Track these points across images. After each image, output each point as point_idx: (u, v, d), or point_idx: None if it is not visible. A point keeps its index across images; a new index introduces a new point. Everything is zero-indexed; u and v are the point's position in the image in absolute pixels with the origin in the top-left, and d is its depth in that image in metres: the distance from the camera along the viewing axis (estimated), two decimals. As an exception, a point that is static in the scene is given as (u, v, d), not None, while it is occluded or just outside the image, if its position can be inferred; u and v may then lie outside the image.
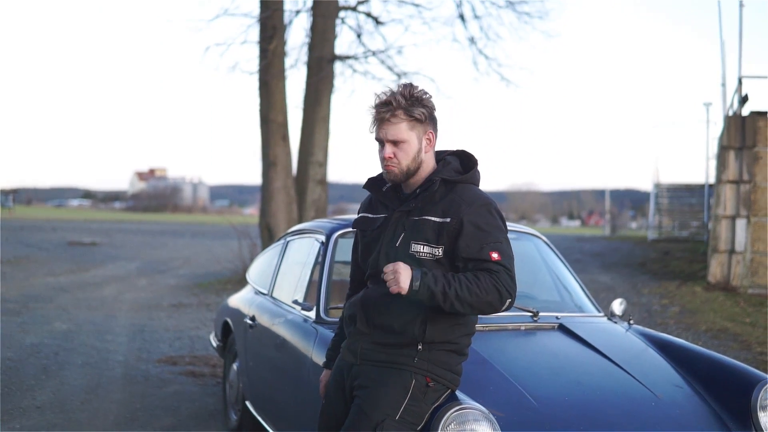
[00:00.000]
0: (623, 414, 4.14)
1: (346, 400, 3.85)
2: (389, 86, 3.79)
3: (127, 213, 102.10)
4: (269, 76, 17.06)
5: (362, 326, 3.78)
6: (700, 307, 14.15)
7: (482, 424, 3.66)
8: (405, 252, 3.68)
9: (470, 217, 3.64)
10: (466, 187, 3.76)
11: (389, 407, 3.65)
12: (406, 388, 3.68)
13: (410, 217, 3.73)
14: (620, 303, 5.67)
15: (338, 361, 3.99)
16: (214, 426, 7.10)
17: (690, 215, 29.25)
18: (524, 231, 6.11)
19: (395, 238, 3.73)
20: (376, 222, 3.86)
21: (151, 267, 22.54)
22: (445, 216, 3.65)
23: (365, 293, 3.82)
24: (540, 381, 4.32)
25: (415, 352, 3.69)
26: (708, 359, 4.81)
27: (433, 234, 3.66)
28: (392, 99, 3.66)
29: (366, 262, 3.90)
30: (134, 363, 9.45)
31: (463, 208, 3.65)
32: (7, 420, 6.97)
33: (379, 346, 3.74)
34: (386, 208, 3.85)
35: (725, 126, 16.13)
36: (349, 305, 3.94)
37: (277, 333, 5.62)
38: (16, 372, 8.70)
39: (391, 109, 3.66)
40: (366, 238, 3.92)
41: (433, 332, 3.68)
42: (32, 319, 12.34)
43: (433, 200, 3.71)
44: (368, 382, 3.72)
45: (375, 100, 3.73)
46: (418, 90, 3.70)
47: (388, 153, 3.69)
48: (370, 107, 3.75)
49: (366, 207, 4.01)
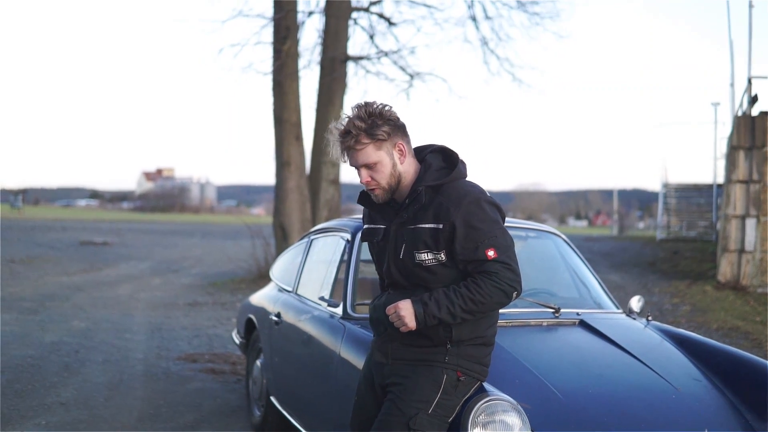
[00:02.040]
0: (645, 406, 4.24)
1: (377, 398, 3.93)
2: (345, 113, 3.82)
3: (135, 213, 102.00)
4: (283, 77, 17.15)
5: (392, 330, 3.81)
6: (711, 305, 14.23)
7: (511, 415, 3.75)
8: (412, 262, 3.75)
9: (461, 217, 3.67)
10: (453, 185, 3.77)
11: (422, 401, 3.72)
12: (438, 382, 3.76)
13: (406, 227, 3.78)
14: (638, 300, 5.77)
15: (368, 360, 4.08)
16: (236, 422, 7.21)
17: (698, 215, 29.24)
18: (544, 229, 6.20)
19: (398, 249, 3.80)
20: (378, 234, 3.94)
21: (163, 266, 22.66)
22: (437, 221, 3.69)
23: (387, 301, 3.86)
24: (564, 375, 4.42)
25: (445, 350, 3.77)
26: (725, 353, 4.91)
27: (432, 240, 3.71)
28: (350, 127, 3.70)
29: (381, 272, 3.99)
30: (154, 360, 9.57)
31: (451, 210, 3.68)
32: (32, 416, 7.09)
33: (410, 347, 3.82)
34: (384, 220, 3.91)
35: (734, 126, 16.19)
36: (373, 308, 3.99)
37: (304, 329, 5.72)
38: (39, 370, 8.82)
39: (353, 136, 3.70)
40: (374, 249, 4.01)
41: (460, 332, 3.75)
42: (50, 318, 12.47)
43: (423, 207, 3.74)
44: (400, 378, 3.80)
45: (336, 131, 3.77)
46: (375, 107, 3.73)
47: (365, 178, 3.75)
48: (335, 138, 3.79)
49: (367, 219, 4.08)
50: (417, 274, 3.75)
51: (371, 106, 3.72)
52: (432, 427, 3.71)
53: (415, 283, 3.78)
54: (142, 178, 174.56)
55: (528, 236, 6.21)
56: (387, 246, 3.86)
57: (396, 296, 3.81)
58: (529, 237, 6.22)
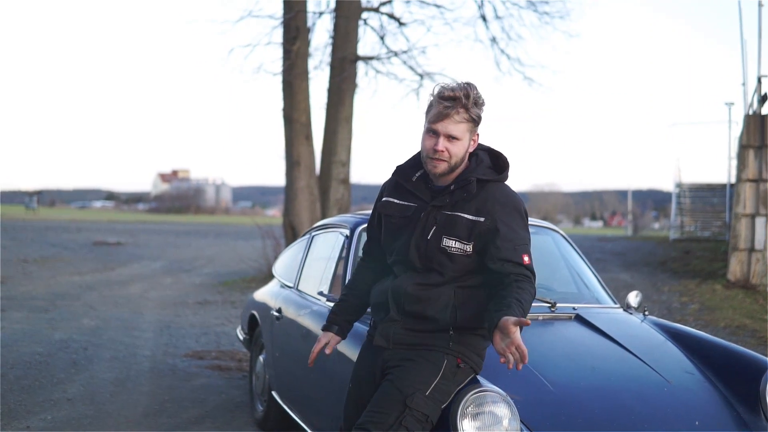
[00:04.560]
0: (636, 398, 4.27)
1: (375, 383, 3.94)
2: (454, 80, 3.84)
3: (151, 214, 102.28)
4: (293, 77, 17.20)
5: (394, 314, 3.88)
6: (720, 304, 14.22)
7: (500, 406, 3.78)
8: (437, 246, 3.79)
9: (504, 218, 3.76)
10: (498, 186, 3.86)
11: (420, 382, 3.76)
12: (438, 366, 3.81)
13: (442, 211, 3.81)
14: (636, 295, 5.79)
15: (365, 347, 4.12)
16: (240, 417, 7.26)
17: (712, 215, 29.10)
18: (542, 225, 6.22)
19: (426, 231, 3.82)
20: (406, 210, 3.92)
21: (175, 266, 22.74)
22: (479, 215, 3.76)
23: (396, 283, 3.89)
24: (556, 367, 4.45)
25: (447, 336, 3.83)
26: (719, 347, 4.93)
27: (465, 231, 3.76)
28: (460, 95, 3.71)
29: (391, 247, 3.97)
30: (161, 357, 9.65)
31: (497, 208, 3.77)
32: (39, 411, 7.15)
33: (412, 331, 3.86)
34: (416, 198, 3.91)
35: (745, 125, 16.16)
36: (378, 293, 4.03)
37: (303, 324, 5.77)
38: (46, 366, 8.89)
39: (456, 105, 3.71)
40: (391, 223, 3.97)
41: (464, 318, 3.80)
42: (60, 316, 12.56)
43: (467, 198, 3.80)
44: (400, 362, 3.84)
45: (440, 92, 3.75)
46: (478, 93, 3.77)
47: (441, 146, 3.74)
48: (434, 95, 3.79)
49: (391, 191, 4.04)
50: (437, 258, 3.80)
51: (476, 89, 3.78)
52: (427, 409, 3.74)
53: (430, 267, 3.82)
54: (158, 180, 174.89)
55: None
56: (413, 225, 3.87)
57: (405, 279, 3.87)
58: (528, 233, 6.25)
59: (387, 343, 3.91)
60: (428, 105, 3.82)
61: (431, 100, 3.80)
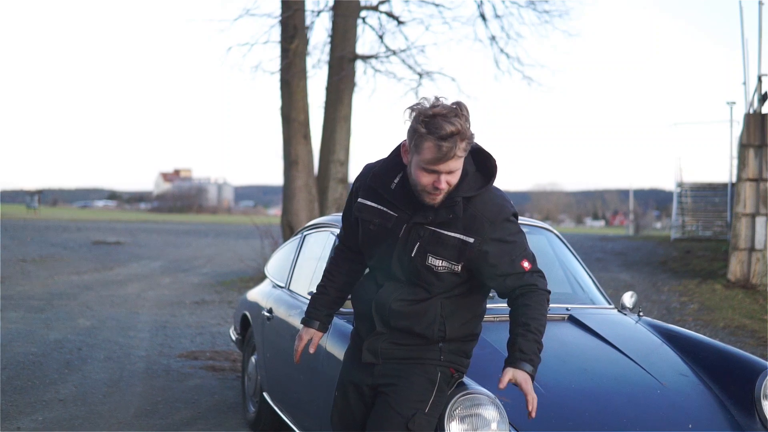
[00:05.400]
0: (628, 400, 4.22)
1: (363, 397, 3.81)
2: (444, 103, 3.38)
3: (153, 214, 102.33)
4: (290, 76, 17.16)
5: (380, 326, 3.71)
6: (719, 304, 14.17)
7: (489, 409, 3.73)
8: (422, 264, 3.56)
9: (496, 234, 3.55)
10: (486, 196, 3.57)
11: (418, 401, 3.63)
12: (433, 381, 3.69)
13: (427, 228, 3.55)
14: (631, 296, 5.74)
15: (350, 359, 3.94)
16: (232, 418, 7.20)
17: (714, 215, 29.03)
18: (536, 225, 6.17)
19: (409, 247, 3.57)
20: (386, 220, 3.63)
21: (174, 266, 22.69)
22: (468, 234, 3.51)
23: (380, 297, 3.69)
24: (548, 368, 4.37)
25: (438, 348, 3.69)
26: (714, 349, 4.88)
27: (454, 251, 3.54)
28: (460, 128, 3.32)
29: (370, 251, 3.75)
30: (156, 358, 9.59)
31: (486, 227, 3.52)
32: (30, 412, 7.10)
33: (400, 345, 3.71)
34: (396, 209, 3.61)
35: (745, 124, 16.10)
36: (361, 301, 3.83)
37: (293, 324, 5.71)
38: (40, 366, 8.84)
39: (456, 141, 3.33)
40: (369, 229, 3.70)
41: (453, 330, 3.68)
42: (56, 316, 12.50)
43: (453, 218, 3.51)
44: (393, 379, 3.69)
45: (437, 130, 3.32)
46: (467, 111, 3.39)
47: (443, 184, 3.41)
48: (425, 131, 3.34)
49: (367, 193, 3.70)
50: (423, 276, 3.60)
51: (465, 107, 3.39)
52: (430, 426, 3.65)
53: (415, 283, 3.64)
54: (160, 179, 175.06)
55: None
56: (393, 237, 3.60)
57: (389, 292, 3.67)
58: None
59: (376, 359, 3.73)
60: (414, 134, 3.38)
61: (421, 133, 3.34)
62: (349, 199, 3.89)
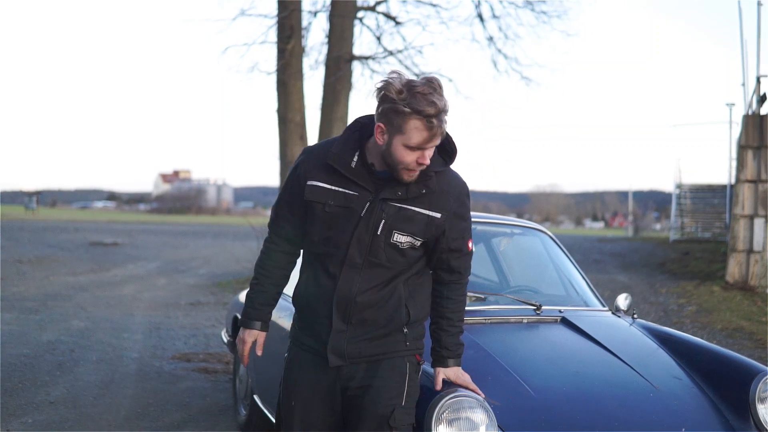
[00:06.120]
0: (620, 404, 4.15)
1: (332, 401, 3.70)
2: (418, 80, 3.37)
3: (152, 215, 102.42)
4: (287, 76, 17.09)
5: (338, 324, 3.59)
6: (717, 306, 14.11)
7: (477, 412, 3.66)
8: (386, 241, 3.53)
9: (457, 210, 3.63)
10: (447, 174, 3.62)
11: (394, 397, 3.60)
12: (403, 373, 3.65)
13: (392, 204, 3.51)
14: (625, 298, 5.68)
15: (304, 359, 3.79)
16: (223, 421, 7.13)
17: (713, 216, 29.03)
18: (530, 226, 6.12)
19: (373, 224, 3.51)
20: (347, 200, 3.54)
21: (171, 267, 22.65)
22: (434, 210, 3.55)
23: (341, 290, 3.56)
24: (539, 372, 4.33)
25: (403, 336, 3.65)
26: (708, 352, 4.81)
27: (420, 226, 3.55)
28: (444, 105, 3.34)
29: (321, 236, 3.62)
30: (148, 360, 9.51)
31: (451, 202, 3.59)
32: (20, 415, 7.03)
33: (365, 341, 3.62)
34: (357, 187, 3.54)
35: (743, 125, 16.06)
36: (312, 298, 3.69)
37: (282, 326, 5.64)
38: (31, 368, 8.76)
39: (442, 118, 3.35)
40: (324, 212, 3.59)
41: (416, 312, 3.67)
42: (50, 317, 12.43)
43: (425, 193, 3.53)
44: (365, 380, 3.63)
45: (421, 108, 3.29)
46: (439, 81, 3.37)
47: (427, 159, 3.42)
48: (408, 108, 3.30)
49: (319, 175, 3.60)
50: (387, 254, 3.55)
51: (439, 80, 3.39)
52: (409, 417, 3.63)
53: (373, 264, 3.56)
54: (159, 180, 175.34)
55: (513, 233, 6.14)
56: (354, 216, 3.52)
57: (349, 282, 3.55)
58: (514, 234, 6.15)
59: (344, 360, 3.62)
60: (397, 114, 3.33)
61: (405, 112, 3.31)
62: (291, 187, 3.72)
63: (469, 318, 4.88)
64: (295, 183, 3.68)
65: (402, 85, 3.33)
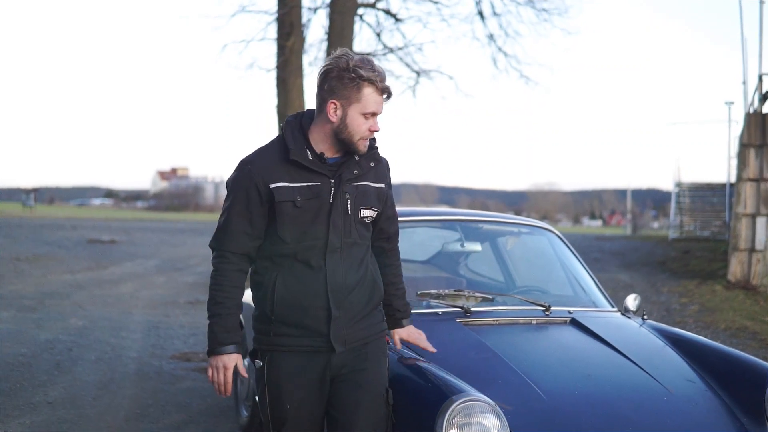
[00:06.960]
0: (634, 408, 4.07)
1: (323, 393, 3.74)
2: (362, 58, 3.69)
3: (149, 212, 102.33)
4: (287, 73, 16.99)
5: (335, 311, 3.66)
6: (720, 305, 14.04)
7: (488, 416, 3.59)
8: (356, 219, 3.75)
9: (389, 179, 3.93)
10: (375, 148, 3.87)
11: (383, 377, 3.84)
12: (385, 352, 3.91)
13: (350, 183, 3.71)
14: (634, 298, 5.60)
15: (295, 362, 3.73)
16: (224, 422, 7.05)
17: (712, 215, 29.02)
18: (538, 225, 6.04)
19: (341, 206, 3.68)
20: (312, 191, 3.65)
21: (169, 265, 22.55)
22: (379, 181, 3.83)
23: (334, 280, 3.66)
24: (549, 374, 4.26)
25: (380, 314, 3.92)
26: (722, 354, 4.74)
27: (375, 198, 3.80)
28: (383, 73, 3.67)
29: (298, 234, 3.66)
30: (147, 359, 9.43)
31: (385, 172, 3.89)
32: (18, 416, 6.95)
33: (355, 325, 3.74)
34: (316, 175, 3.66)
35: (745, 124, 16.01)
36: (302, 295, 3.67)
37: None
38: (29, 368, 8.67)
39: (386, 84, 3.69)
40: (295, 209, 3.65)
41: (382, 285, 3.94)
42: (48, 316, 12.33)
43: (373, 166, 3.81)
44: (357, 364, 3.76)
45: (374, 77, 3.62)
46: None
47: (378, 126, 3.71)
48: (362, 76, 3.59)
49: (276, 176, 3.66)
50: (358, 231, 3.75)
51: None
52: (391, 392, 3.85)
53: (352, 242, 3.74)
54: (157, 178, 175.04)
55: (521, 232, 6.07)
56: (324, 204, 3.65)
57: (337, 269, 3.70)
58: (521, 233, 6.07)
59: (344, 346, 3.71)
60: (350, 84, 3.61)
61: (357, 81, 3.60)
62: (245, 199, 3.72)
63: (476, 318, 4.82)
64: (251, 193, 3.70)
65: (347, 61, 3.61)
